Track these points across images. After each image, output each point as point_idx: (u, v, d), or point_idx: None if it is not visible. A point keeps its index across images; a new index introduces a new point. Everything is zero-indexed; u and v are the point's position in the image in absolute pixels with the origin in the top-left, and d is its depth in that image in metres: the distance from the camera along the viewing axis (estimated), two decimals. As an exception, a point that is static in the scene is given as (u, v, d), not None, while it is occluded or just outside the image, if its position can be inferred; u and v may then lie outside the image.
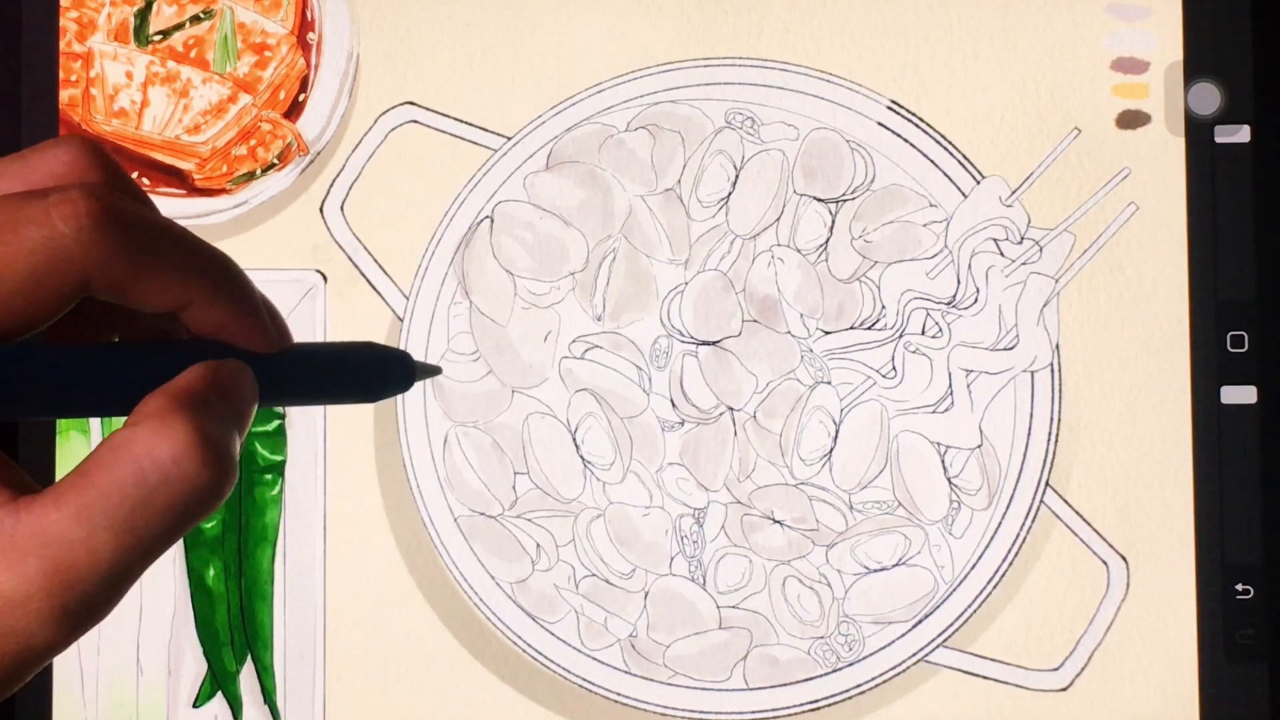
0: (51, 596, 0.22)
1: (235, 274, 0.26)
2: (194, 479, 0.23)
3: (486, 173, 0.53)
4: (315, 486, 0.52)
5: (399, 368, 0.29)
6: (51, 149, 0.25)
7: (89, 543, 0.22)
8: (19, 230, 0.22)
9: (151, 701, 0.52)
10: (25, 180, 0.25)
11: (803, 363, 0.52)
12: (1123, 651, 0.51)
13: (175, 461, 0.23)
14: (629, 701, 0.51)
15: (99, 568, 0.23)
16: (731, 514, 0.52)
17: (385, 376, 0.28)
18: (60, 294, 0.23)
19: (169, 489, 0.23)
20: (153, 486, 0.23)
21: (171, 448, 0.23)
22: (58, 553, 0.22)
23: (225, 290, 0.25)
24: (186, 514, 0.23)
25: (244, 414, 0.25)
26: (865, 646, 0.51)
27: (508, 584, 0.52)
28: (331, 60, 0.53)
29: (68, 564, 0.22)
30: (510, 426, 0.52)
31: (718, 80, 0.53)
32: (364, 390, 0.28)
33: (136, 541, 0.23)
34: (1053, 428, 0.52)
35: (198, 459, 0.23)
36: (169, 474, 0.23)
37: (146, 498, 0.23)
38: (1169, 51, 0.52)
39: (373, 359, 0.28)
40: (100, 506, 0.23)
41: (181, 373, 0.25)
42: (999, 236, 0.52)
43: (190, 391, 0.24)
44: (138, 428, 0.23)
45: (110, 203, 0.23)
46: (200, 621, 0.52)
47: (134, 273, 0.24)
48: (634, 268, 0.52)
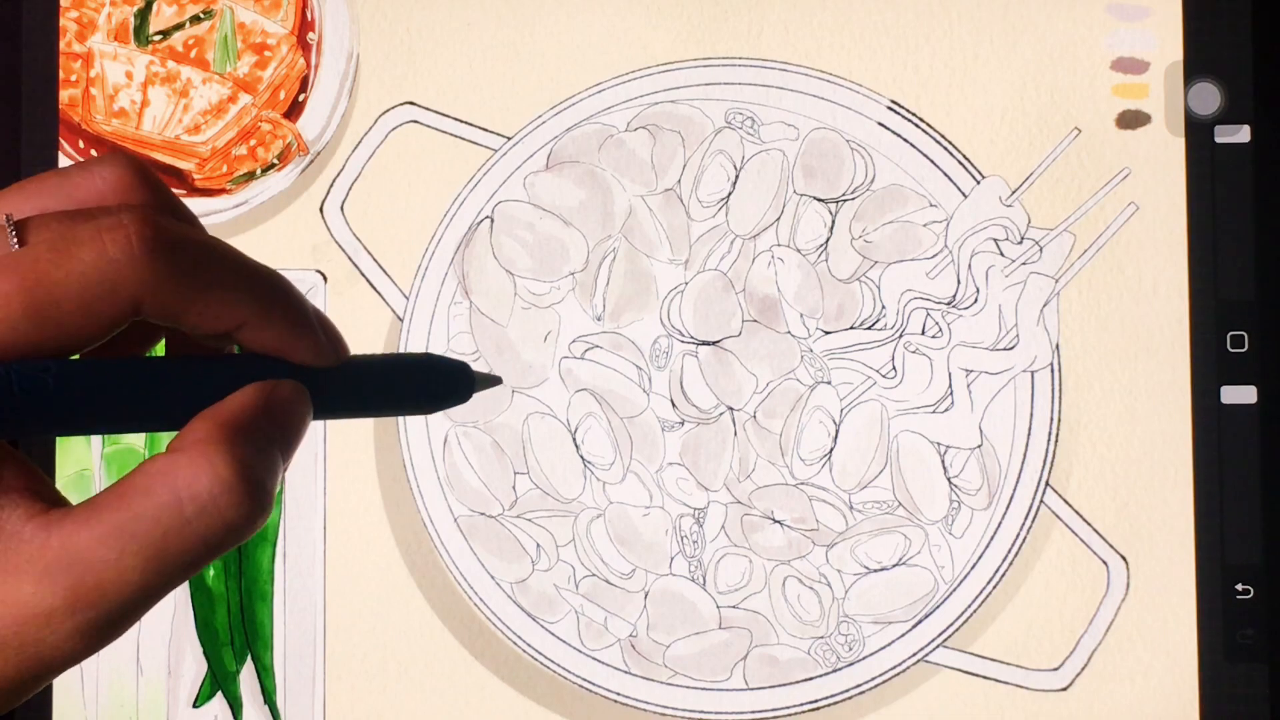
0: (75, 614, 0.22)
1: (288, 291, 0.25)
2: (230, 515, 0.23)
3: (486, 173, 0.53)
4: (315, 486, 0.52)
5: (459, 379, 0.28)
6: (97, 167, 0.25)
7: (118, 565, 0.22)
8: (70, 252, 0.22)
9: (151, 701, 0.52)
10: (70, 199, 0.25)
11: (803, 363, 0.52)
12: (1123, 651, 0.51)
13: (213, 496, 0.23)
14: (629, 701, 0.51)
15: (124, 590, 0.23)
16: (731, 514, 0.52)
17: (445, 389, 0.28)
18: (111, 317, 0.23)
19: (204, 522, 0.23)
20: (188, 518, 0.23)
21: (210, 482, 0.23)
22: (85, 572, 0.22)
23: (277, 309, 0.25)
24: (217, 547, 0.23)
25: (293, 439, 0.25)
26: (865, 646, 0.51)
27: (508, 584, 0.52)
28: (331, 60, 0.53)
29: (94, 584, 0.22)
30: (510, 426, 0.52)
31: (718, 80, 0.53)
32: (422, 402, 0.28)
33: (164, 569, 0.23)
34: (1053, 428, 0.52)
35: (236, 496, 0.23)
36: (205, 508, 0.23)
37: (180, 528, 0.23)
38: (1169, 51, 0.52)
39: (432, 370, 0.28)
40: (132, 531, 0.23)
41: (232, 395, 0.24)
42: (999, 236, 0.52)
43: (238, 419, 0.24)
44: (180, 455, 0.23)
45: (161, 227, 0.23)
46: (200, 621, 0.52)
47: (186, 296, 0.23)
48: (634, 268, 0.52)
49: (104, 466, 0.52)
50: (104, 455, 0.52)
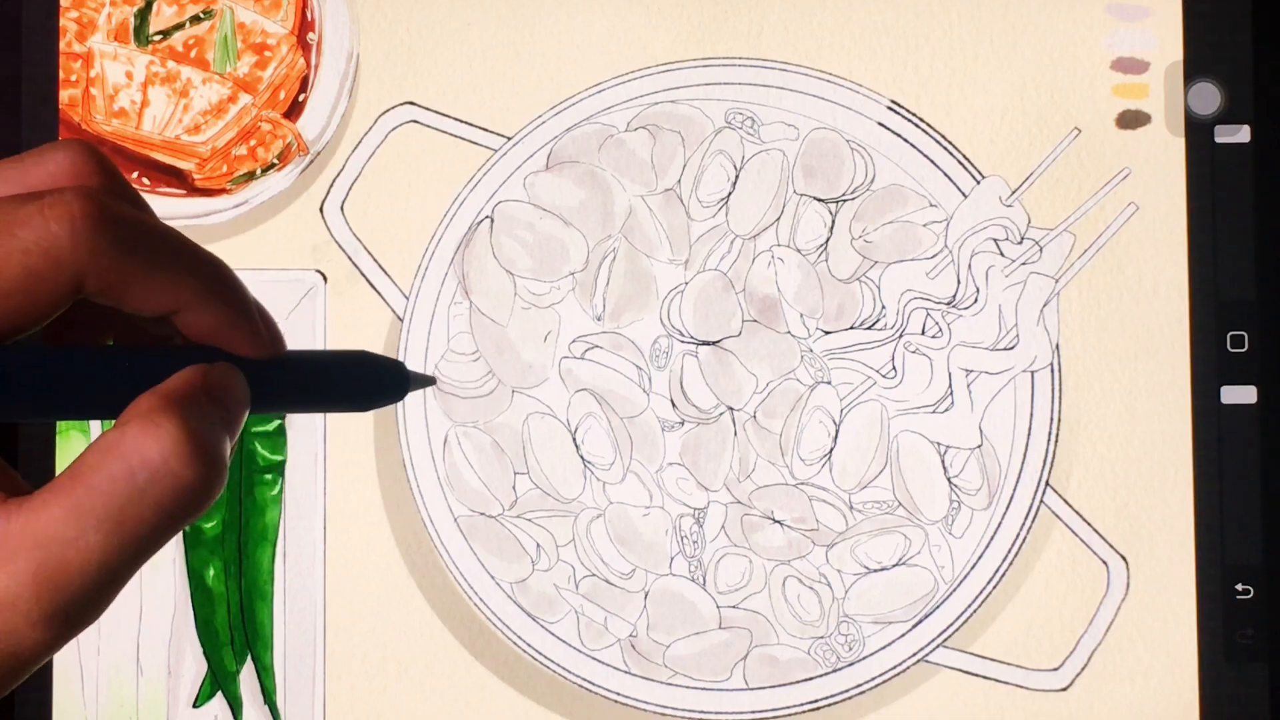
0: (41, 597, 0.22)
1: (228, 278, 0.26)
2: (183, 478, 0.23)
3: (486, 173, 0.53)
4: (315, 486, 0.52)
5: (393, 377, 0.28)
6: (49, 153, 0.25)
7: (79, 542, 0.22)
8: (13, 231, 0.23)
9: (151, 701, 0.52)
10: (23, 184, 0.25)
11: (803, 363, 0.52)
12: (1123, 651, 0.51)
13: (164, 460, 0.23)
14: (629, 701, 0.51)
15: (89, 567, 0.22)
16: (731, 514, 0.52)
17: (378, 386, 0.28)
18: (53, 295, 0.23)
19: (158, 488, 0.23)
20: (141, 486, 0.23)
21: (160, 447, 0.23)
22: (47, 553, 0.22)
23: (218, 294, 0.25)
24: (176, 513, 0.23)
25: (235, 418, 0.25)
26: (865, 646, 0.51)
27: (508, 584, 0.52)
28: (331, 60, 0.53)
29: (57, 564, 0.22)
30: (510, 426, 0.52)
31: (718, 80, 0.53)
32: (357, 399, 0.28)
33: (126, 541, 0.23)
34: (1053, 428, 0.52)
35: (187, 458, 0.23)
36: (158, 473, 0.23)
37: (135, 497, 0.23)
38: (1169, 51, 0.52)
39: (366, 368, 0.28)
40: (89, 506, 0.23)
41: (172, 376, 0.25)
42: (999, 236, 0.52)
43: (180, 393, 0.24)
44: (127, 427, 0.23)
45: (103, 204, 0.23)
46: (200, 621, 0.52)
47: (126, 274, 0.24)
48: (634, 268, 0.52)
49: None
50: (104, 455, 0.52)
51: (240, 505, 0.52)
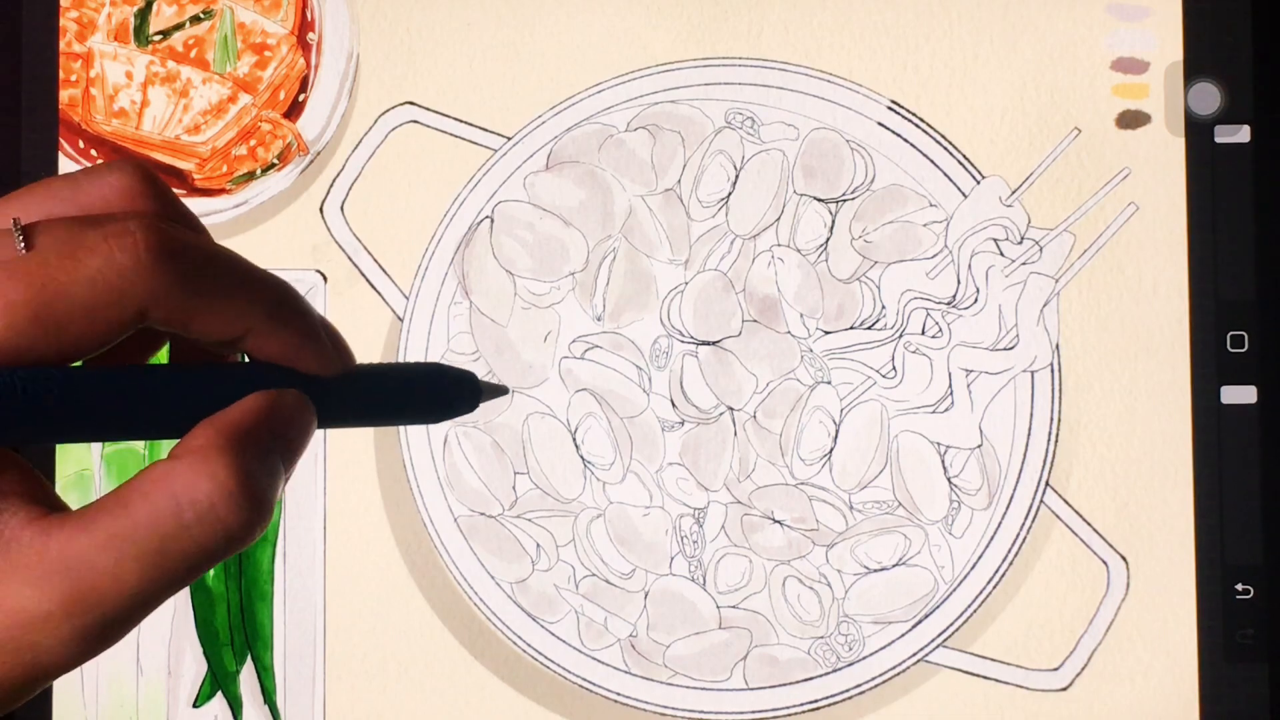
0: (72, 618, 0.22)
1: (294, 300, 0.25)
2: (229, 522, 0.23)
3: (486, 173, 0.53)
4: (315, 486, 0.52)
5: (466, 389, 0.28)
6: (105, 173, 0.25)
7: (115, 571, 0.22)
8: (78, 258, 0.22)
9: (151, 701, 0.52)
10: (76, 204, 0.25)
11: (803, 363, 0.52)
12: (1123, 651, 0.51)
13: (213, 504, 0.23)
14: (629, 701, 0.51)
15: (122, 596, 0.23)
16: (731, 514, 0.52)
17: (451, 398, 0.28)
18: (117, 324, 0.23)
19: (203, 530, 0.23)
20: (186, 525, 0.23)
21: (210, 490, 0.23)
22: (83, 577, 0.22)
23: (283, 318, 0.25)
24: (216, 554, 0.23)
25: (296, 449, 0.25)
26: (865, 646, 0.51)
27: (508, 584, 0.52)
28: (331, 60, 0.53)
29: (91, 589, 0.22)
30: (510, 426, 0.52)
31: (718, 80, 0.53)
32: (428, 412, 0.28)
33: (162, 575, 0.23)
34: (1053, 428, 0.52)
35: (236, 503, 0.23)
36: (204, 515, 0.23)
37: (178, 534, 0.23)
38: (1169, 51, 0.52)
39: (439, 380, 0.28)
40: (131, 537, 0.23)
41: (234, 403, 0.24)
42: (999, 236, 0.52)
43: (239, 427, 0.24)
44: (180, 462, 0.23)
45: (168, 234, 0.23)
46: (200, 621, 0.52)
47: (192, 304, 0.23)
48: (634, 268, 0.52)
49: (104, 467, 0.52)
50: (104, 456, 0.52)
51: (240, 505, 0.52)
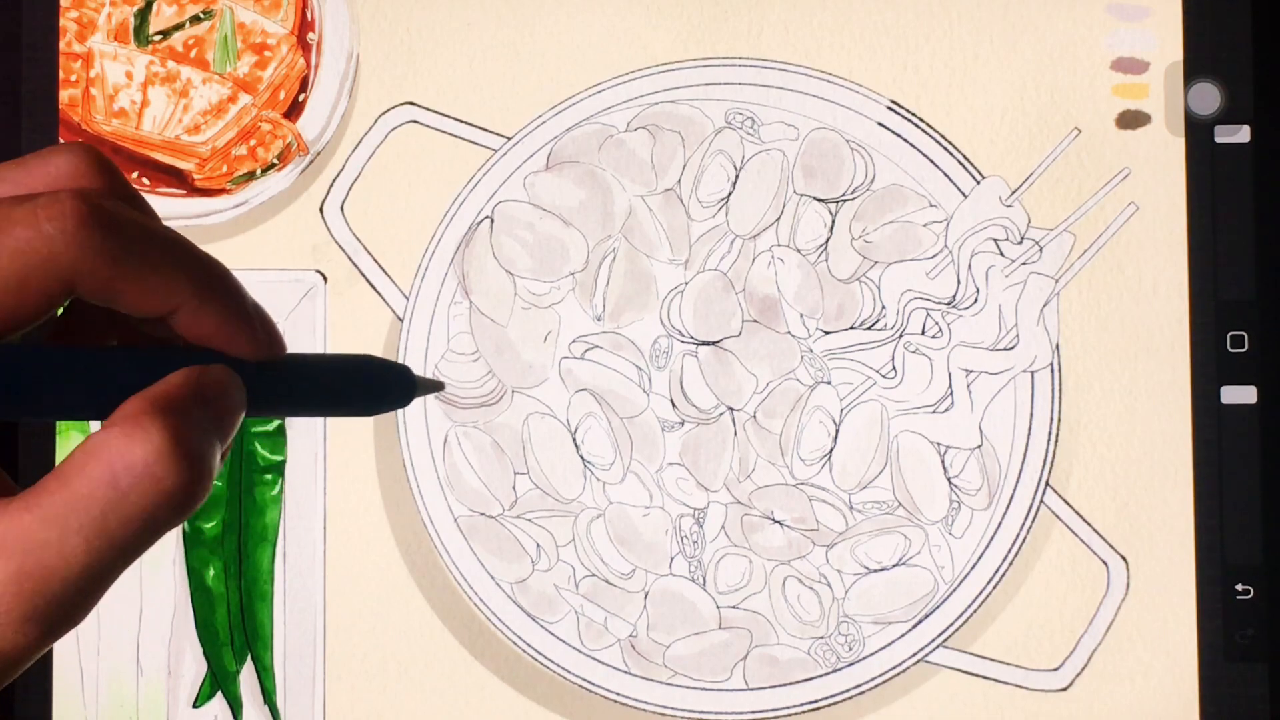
0: (22, 599, 0.22)
1: (224, 280, 0.25)
2: (166, 483, 0.23)
3: (486, 173, 0.53)
4: (315, 486, 0.52)
5: (399, 382, 0.28)
6: (51, 155, 0.25)
7: (60, 546, 0.22)
8: (7, 231, 0.23)
9: (151, 701, 0.52)
10: (23, 185, 0.25)
11: (803, 363, 0.52)
12: (1123, 651, 0.51)
13: (148, 465, 0.23)
14: (629, 701, 0.51)
15: (71, 571, 0.22)
16: (731, 514, 0.52)
17: (383, 391, 0.28)
18: (45, 295, 0.23)
19: (141, 493, 0.23)
20: (124, 490, 0.23)
21: (145, 451, 0.23)
22: (28, 556, 0.22)
23: (214, 296, 0.25)
24: (159, 519, 0.23)
25: (227, 423, 0.25)
26: (865, 646, 0.51)
27: (508, 584, 0.52)
28: (331, 60, 0.53)
29: (39, 567, 0.22)
30: (510, 426, 0.52)
31: (718, 80, 0.53)
32: (360, 404, 0.28)
33: (108, 545, 0.23)
34: (1053, 428, 0.52)
35: (171, 464, 0.23)
36: (141, 478, 0.23)
37: (118, 501, 0.23)
38: (1169, 51, 0.52)
39: (371, 372, 0.28)
40: (72, 509, 0.22)
41: (163, 378, 0.24)
42: (999, 236, 0.52)
43: (169, 396, 0.24)
44: (112, 430, 0.23)
45: (98, 205, 0.23)
46: (200, 621, 0.52)
47: (120, 275, 0.23)
48: (634, 268, 0.52)
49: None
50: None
51: (240, 505, 0.52)
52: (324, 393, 0.27)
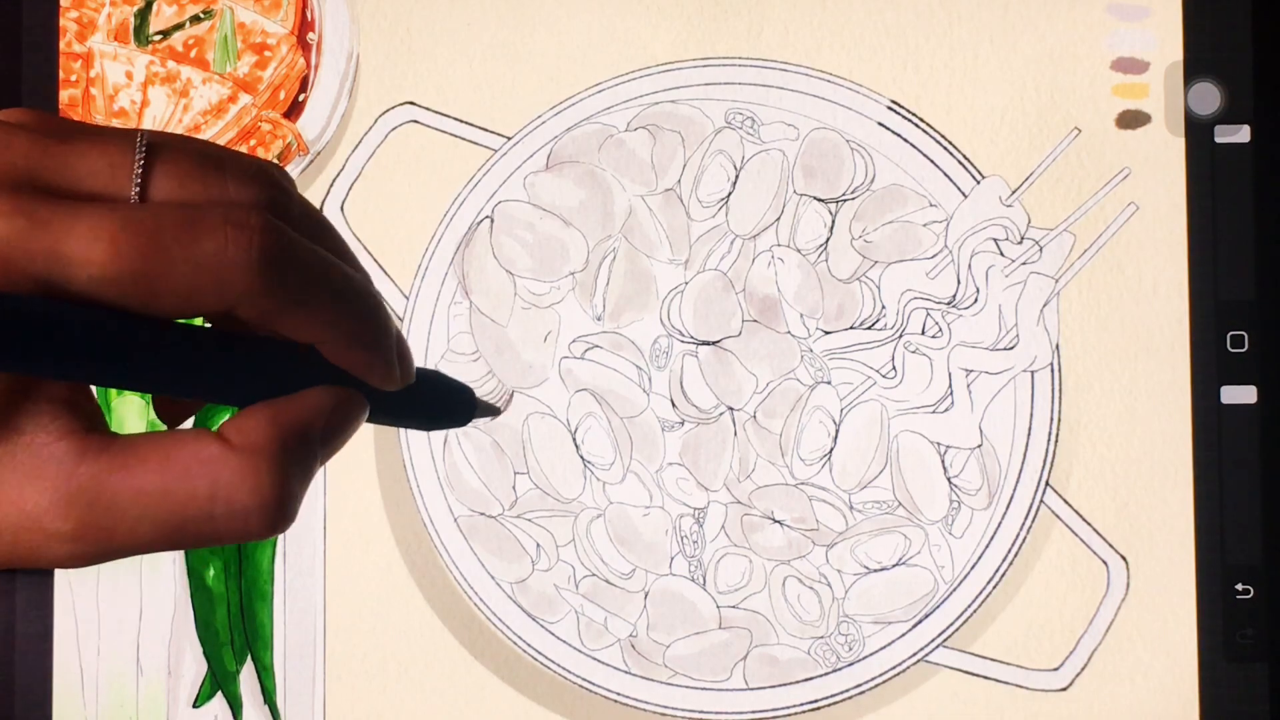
0: (77, 543, 0.23)
1: (379, 316, 0.25)
2: (251, 530, 0.23)
3: (486, 173, 0.53)
4: (315, 487, 0.52)
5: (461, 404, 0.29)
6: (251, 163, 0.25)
7: (132, 524, 0.23)
8: (194, 240, 0.22)
9: (151, 701, 0.52)
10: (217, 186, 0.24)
11: (803, 363, 0.52)
12: (1123, 651, 0.51)
13: (246, 511, 0.23)
14: (629, 701, 0.51)
15: (128, 545, 0.23)
16: (731, 514, 0.52)
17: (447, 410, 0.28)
18: (205, 306, 0.23)
19: (228, 526, 0.23)
20: (214, 516, 0.23)
21: (249, 498, 0.23)
22: (101, 516, 0.23)
23: (364, 336, 0.25)
24: (228, 542, 0.24)
25: (338, 450, 0.25)
26: (865, 646, 0.51)
27: (508, 584, 0.52)
28: (331, 60, 0.53)
29: (104, 528, 0.23)
30: (510, 426, 0.52)
31: (718, 80, 0.53)
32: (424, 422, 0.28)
33: (169, 543, 0.23)
34: (1053, 428, 0.52)
35: (269, 518, 0.23)
36: (234, 515, 0.23)
37: (202, 521, 0.23)
38: (1169, 51, 0.52)
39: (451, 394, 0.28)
40: (159, 502, 0.23)
41: (302, 394, 0.24)
42: (999, 236, 0.52)
43: (297, 430, 0.24)
44: (232, 455, 0.23)
45: (282, 240, 0.23)
46: (200, 621, 0.52)
47: (283, 310, 0.23)
48: (634, 268, 0.52)
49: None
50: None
51: (240, 505, 0.52)
52: (398, 408, 0.28)
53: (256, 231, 0.22)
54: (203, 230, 0.22)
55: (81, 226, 0.21)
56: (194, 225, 0.22)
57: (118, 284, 0.22)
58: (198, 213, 0.22)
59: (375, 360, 0.25)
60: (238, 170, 0.24)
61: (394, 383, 0.26)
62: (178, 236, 0.22)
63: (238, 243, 0.22)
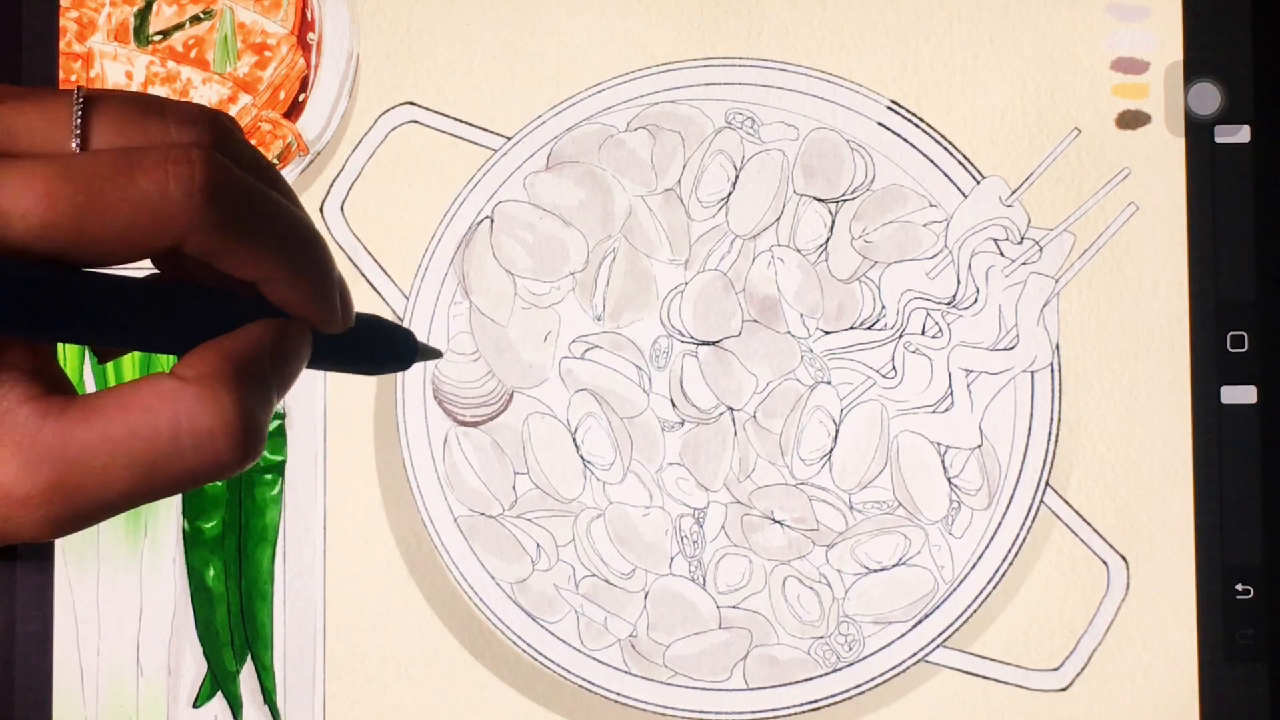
0: (51, 506, 0.23)
1: (321, 255, 0.25)
2: (224, 456, 0.23)
3: (486, 173, 0.53)
4: (315, 486, 0.52)
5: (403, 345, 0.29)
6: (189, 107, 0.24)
7: (103, 473, 0.23)
8: (133, 179, 0.22)
9: (151, 701, 0.52)
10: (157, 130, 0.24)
11: (803, 363, 0.52)
12: (1123, 651, 0.51)
13: (212, 436, 0.23)
14: (629, 701, 0.51)
15: (103, 497, 0.23)
16: (731, 514, 0.52)
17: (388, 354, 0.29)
18: (149, 246, 0.23)
19: (198, 457, 0.23)
20: (182, 449, 0.23)
21: (212, 422, 0.23)
22: (70, 471, 0.22)
23: (307, 272, 0.25)
24: (203, 479, 0.24)
25: (291, 382, 0.25)
26: (865, 646, 0.51)
27: (508, 584, 0.52)
28: (331, 60, 0.53)
29: (76, 484, 0.23)
30: (510, 426, 0.52)
31: (718, 80, 0.53)
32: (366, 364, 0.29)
33: (146, 488, 0.23)
34: (1053, 428, 0.52)
35: (234, 438, 0.23)
36: (202, 444, 0.23)
37: (173, 457, 0.23)
38: (1169, 51, 0.52)
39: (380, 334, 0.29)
40: (127, 446, 0.23)
41: (243, 328, 0.24)
42: (999, 236, 0.52)
43: (247, 357, 0.24)
44: (187, 386, 0.23)
45: (223, 173, 0.23)
46: (200, 621, 0.52)
47: (228, 245, 0.23)
48: (634, 268, 0.52)
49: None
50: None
51: (240, 505, 0.52)
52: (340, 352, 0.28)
53: (199, 165, 0.22)
54: (142, 169, 0.22)
55: (13, 177, 0.21)
56: (132, 165, 0.22)
57: (54, 233, 0.22)
58: (137, 153, 0.22)
59: (317, 298, 0.25)
60: (179, 115, 0.24)
61: (336, 323, 0.26)
62: (115, 177, 0.22)
63: (178, 177, 0.22)
